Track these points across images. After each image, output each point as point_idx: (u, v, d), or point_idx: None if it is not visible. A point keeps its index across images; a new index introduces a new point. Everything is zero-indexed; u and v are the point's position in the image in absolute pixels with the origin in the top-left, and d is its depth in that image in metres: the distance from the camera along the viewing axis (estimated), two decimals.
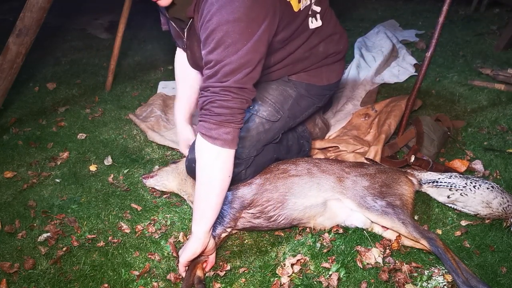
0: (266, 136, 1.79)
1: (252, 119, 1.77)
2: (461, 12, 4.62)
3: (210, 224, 1.55)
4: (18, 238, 1.82)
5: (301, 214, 1.74)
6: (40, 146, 2.50)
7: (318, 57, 1.84)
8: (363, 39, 3.65)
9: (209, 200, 1.52)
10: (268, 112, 1.79)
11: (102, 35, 4.64)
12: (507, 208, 1.74)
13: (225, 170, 1.50)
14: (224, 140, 1.45)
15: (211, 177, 1.49)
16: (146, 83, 3.33)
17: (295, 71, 1.83)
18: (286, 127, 1.90)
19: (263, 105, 1.79)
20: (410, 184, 1.82)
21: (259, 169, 1.84)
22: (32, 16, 2.37)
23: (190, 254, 1.55)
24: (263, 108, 1.78)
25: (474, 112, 2.63)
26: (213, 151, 1.47)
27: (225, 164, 1.50)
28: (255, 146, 1.76)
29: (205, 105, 1.46)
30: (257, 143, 1.77)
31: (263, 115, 1.77)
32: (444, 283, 1.54)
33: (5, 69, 2.47)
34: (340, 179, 1.77)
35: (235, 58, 1.40)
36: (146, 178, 2.05)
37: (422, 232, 1.60)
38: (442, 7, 2.01)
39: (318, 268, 1.62)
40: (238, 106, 1.45)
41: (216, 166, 1.48)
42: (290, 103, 1.84)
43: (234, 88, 1.43)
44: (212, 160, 1.48)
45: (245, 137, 1.73)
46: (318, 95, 1.94)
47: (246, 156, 1.74)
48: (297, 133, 2.08)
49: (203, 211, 1.53)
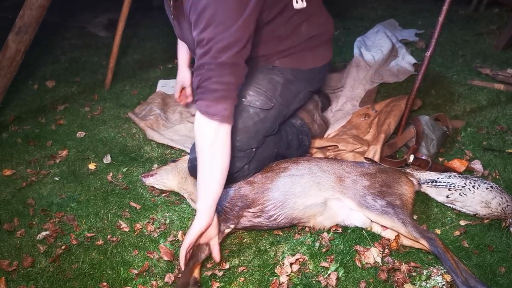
0: (263, 125, 1.81)
1: (246, 110, 1.78)
2: (460, 12, 4.62)
3: (215, 198, 1.55)
4: (17, 236, 1.82)
5: (301, 213, 1.74)
6: (39, 144, 2.49)
7: (301, 38, 1.86)
8: (363, 38, 3.65)
9: (213, 175, 1.53)
10: (261, 101, 1.80)
11: (102, 33, 4.63)
12: (506, 208, 1.74)
13: (226, 145, 1.53)
14: (222, 116, 1.49)
15: (213, 153, 1.51)
16: (145, 81, 3.32)
17: (278, 51, 1.85)
18: (281, 115, 1.91)
19: (254, 95, 1.80)
20: (410, 184, 1.82)
21: (261, 165, 1.86)
22: (32, 14, 2.37)
23: (196, 230, 1.54)
24: (255, 98, 1.80)
25: (474, 112, 2.63)
26: (213, 127, 1.50)
27: (225, 139, 1.53)
28: (254, 137, 1.78)
29: (201, 83, 1.49)
30: (256, 134, 1.78)
31: (256, 105, 1.79)
32: (443, 283, 1.54)
33: (4, 67, 2.47)
34: (340, 179, 1.77)
35: (227, 35, 1.43)
36: (145, 177, 2.05)
37: (421, 232, 1.60)
38: (442, 7, 2.01)
39: (317, 268, 1.62)
40: (234, 82, 1.49)
41: (218, 141, 1.51)
42: (280, 90, 1.86)
43: (228, 64, 1.46)
44: (213, 137, 1.50)
45: (243, 129, 1.75)
46: (306, 79, 1.95)
47: (247, 148, 1.76)
48: (296, 128, 2.09)
49: (208, 186, 1.54)
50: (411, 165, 2.09)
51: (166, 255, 1.69)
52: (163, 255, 1.70)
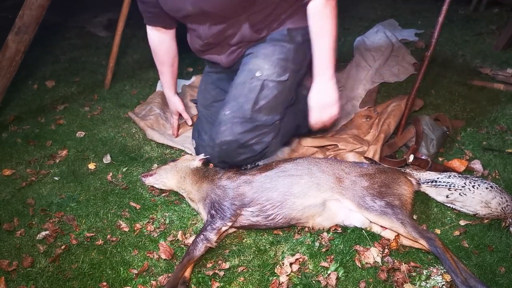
0: (282, 97, 1.91)
1: (266, 85, 1.86)
2: (460, 12, 4.62)
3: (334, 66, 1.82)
4: (17, 236, 1.82)
5: (300, 213, 1.74)
6: (39, 144, 2.49)
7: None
8: (363, 38, 3.65)
9: (331, 45, 1.80)
10: (276, 73, 1.87)
11: (101, 33, 4.63)
12: (506, 208, 1.74)
13: (335, 18, 1.79)
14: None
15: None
16: (145, 81, 3.32)
17: (289, 9, 1.93)
18: (295, 83, 1.98)
19: (269, 69, 1.87)
20: (409, 184, 1.82)
21: (285, 138, 1.97)
22: (31, 14, 2.36)
23: (331, 99, 1.87)
24: (270, 72, 1.87)
25: (473, 112, 2.63)
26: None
27: (334, 11, 1.78)
28: (277, 109, 1.89)
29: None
30: (278, 106, 1.89)
31: (273, 78, 1.87)
32: (443, 282, 1.54)
33: (4, 67, 2.47)
34: (339, 180, 1.77)
35: None
36: (145, 177, 2.05)
37: (421, 232, 1.60)
38: (442, 7, 2.01)
39: (317, 267, 1.62)
40: None
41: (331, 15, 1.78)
42: (292, 56, 1.93)
43: None
44: (329, 12, 1.77)
45: (265, 105, 1.85)
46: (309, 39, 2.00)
47: (272, 122, 1.88)
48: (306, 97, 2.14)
49: (328, 57, 1.81)
50: (411, 165, 2.09)
51: (164, 253, 1.69)
52: (161, 253, 1.70)
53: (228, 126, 1.85)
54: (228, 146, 1.85)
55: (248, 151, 1.89)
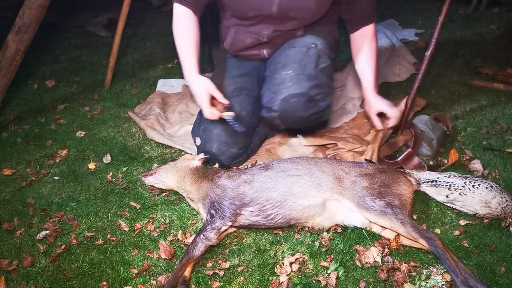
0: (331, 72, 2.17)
1: (321, 55, 2.07)
2: (460, 12, 4.62)
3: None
4: (17, 236, 1.82)
5: (300, 213, 1.74)
6: (39, 144, 2.49)
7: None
8: None
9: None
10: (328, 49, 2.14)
11: (101, 32, 4.63)
12: (506, 208, 1.74)
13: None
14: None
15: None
16: (145, 81, 3.32)
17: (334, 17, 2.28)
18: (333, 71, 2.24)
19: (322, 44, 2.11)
20: (409, 184, 1.82)
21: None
22: (31, 14, 2.36)
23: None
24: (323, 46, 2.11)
25: (473, 112, 2.63)
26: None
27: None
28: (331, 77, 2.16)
29: None
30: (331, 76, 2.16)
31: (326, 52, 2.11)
32: (443, 282, 1.54)
33: (4, 67, 2.47)
34: (339, 180, 1.77)
35: None
36: (145, 176, 2.05)
37: (420, 232, 1.60)
38: (442, 7, 2.01)
39: (317, 267, 1.62)
40: None
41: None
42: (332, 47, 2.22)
43: None
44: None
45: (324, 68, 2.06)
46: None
47: (330, 84, 2.12)
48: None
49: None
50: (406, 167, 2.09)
51: (165, 253, 1.69)
52: (161, 253, 1.70)
53: (294, 82, 1.96)
54: (297, 99, 1.94)
55: (315, 106, 1.99)
